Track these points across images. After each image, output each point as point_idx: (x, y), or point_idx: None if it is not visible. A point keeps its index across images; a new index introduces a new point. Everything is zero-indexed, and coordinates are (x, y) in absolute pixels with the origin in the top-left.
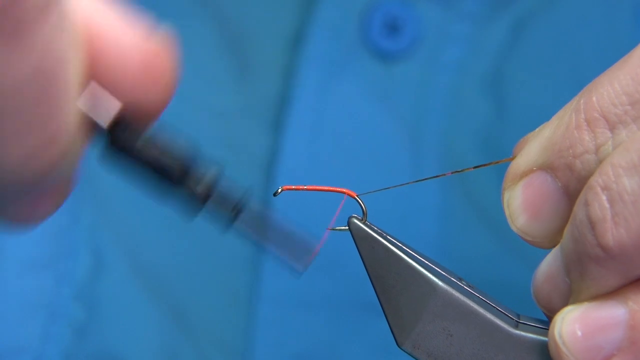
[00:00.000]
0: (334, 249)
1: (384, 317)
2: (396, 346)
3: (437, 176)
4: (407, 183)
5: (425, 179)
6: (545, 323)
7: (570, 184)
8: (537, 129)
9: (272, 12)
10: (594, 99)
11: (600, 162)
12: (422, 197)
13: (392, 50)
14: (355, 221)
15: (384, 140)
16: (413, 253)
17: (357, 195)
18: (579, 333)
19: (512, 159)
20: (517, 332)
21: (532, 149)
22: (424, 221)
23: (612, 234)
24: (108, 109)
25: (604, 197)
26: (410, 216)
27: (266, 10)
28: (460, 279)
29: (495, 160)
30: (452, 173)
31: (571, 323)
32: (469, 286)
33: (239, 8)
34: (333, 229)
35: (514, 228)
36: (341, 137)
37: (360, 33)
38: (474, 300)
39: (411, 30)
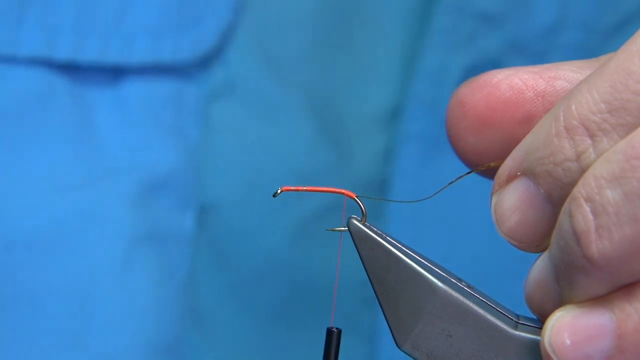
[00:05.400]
0: None
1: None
2: None
3: (439, 191)
4: (418, 200)
5: (432, 195)
6: None
7: (553, 191)
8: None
9: (366, 92)
10: (573, 107)
11: (582, 169)
12: None
13: None
14: (355, 222)
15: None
16: (412, 254)
17: (356, 196)
18: (568, 342)
19: (501, 162)
20: (517, 332)
21: (517, 154)
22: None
23: (597, 245)
24: None
25: (587, 209)
26: None
27: (359, 90)
28: (459, 280)
29: (490, 164)
30: (449, 184)
31: (560, 332)
32: (469, 287)
33: (332, 91)
34: (332, 230)
35: (500, 233)
36: (445, 212)
37: None
38: (473, 301)
39: None
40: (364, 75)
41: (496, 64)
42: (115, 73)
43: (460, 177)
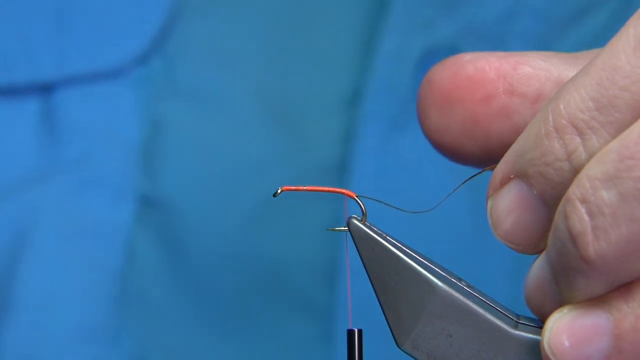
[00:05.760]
0: None
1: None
2: None
3: (444, 199)
4: (422, 211)
5: (436, 205)
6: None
7: (546, 192)
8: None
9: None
10: (561, 106)
11: (573, 168)
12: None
13: None
14: (355, 221)
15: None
16: (413, 254)
17: (356, 196)
18: (567, 344)
19: (494, 166)
20: (517, 332)
21: (509, 157)
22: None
23: (594, 246)
24: None
25: (583, 210)
26: None
27: (317, 74)
28: (459, 280)
29: (486, 168)
30: (454, 191)
31: (559, 333)
32: (469, 286)
33: (287, 78)
34: (332, 230)
35: (497, 236)
36: (405, 194)
37: (415, 88)
38: (473, 301)
39: None
40: (322, 60)
41: (454, 48)
42: (44, 87)
43: (463, 182)
